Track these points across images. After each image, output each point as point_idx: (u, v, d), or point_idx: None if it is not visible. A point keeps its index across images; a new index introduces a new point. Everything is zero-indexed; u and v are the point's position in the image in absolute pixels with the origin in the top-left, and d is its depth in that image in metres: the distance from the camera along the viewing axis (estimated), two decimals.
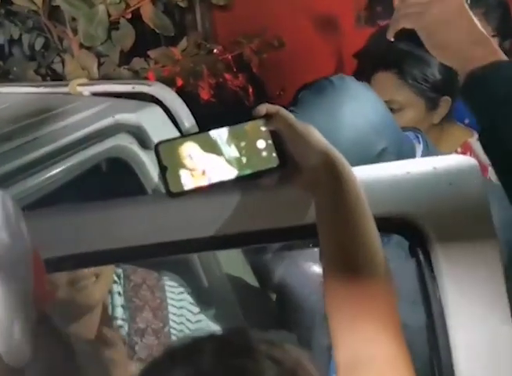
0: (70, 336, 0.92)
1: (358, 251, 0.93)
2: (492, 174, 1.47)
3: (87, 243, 1.05)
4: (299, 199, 1.00)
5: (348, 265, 0.93)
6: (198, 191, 0.94)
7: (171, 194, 0.93)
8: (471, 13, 0.99)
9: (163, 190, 0.95)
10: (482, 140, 0.95)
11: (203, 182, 0.93)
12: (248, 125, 0.97)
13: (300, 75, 3.38)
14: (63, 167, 1.44)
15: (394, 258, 1.33)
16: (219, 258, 1.59)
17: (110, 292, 1.47)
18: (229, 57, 3.20)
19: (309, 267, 1.52)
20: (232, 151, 0.95)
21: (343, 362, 0.88)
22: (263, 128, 0.97)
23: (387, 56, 1.80)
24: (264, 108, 0.98)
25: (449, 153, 1.71)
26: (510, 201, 0.92)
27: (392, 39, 1.06)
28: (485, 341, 1.01)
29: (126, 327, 1.46)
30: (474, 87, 0.93)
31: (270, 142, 0.97)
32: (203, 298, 1.57)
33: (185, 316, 1.53)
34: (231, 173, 0.95)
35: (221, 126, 0.97)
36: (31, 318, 0.74)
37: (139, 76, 2.87)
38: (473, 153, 1.78)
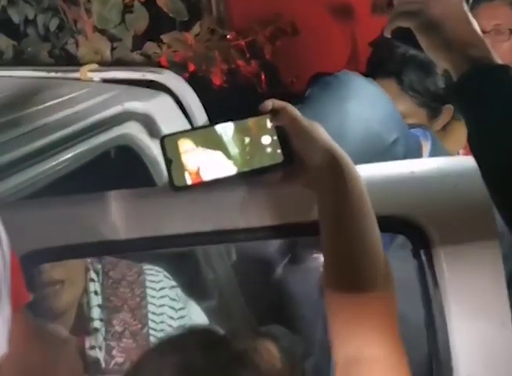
0: (46, 335, 0.92)
1: (359, 250, 0.93)
2: None
3: (85, 234, 1.06)
4: (302, 196, 1.00)
5: (348, 264, 0.93)
6: (201, 186, 0.94)
7: (174, 188, 0.93)
8: (469, 14, 0.98)
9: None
10: (471, 143, 0.94)
11: (207, 176, 0.93)
12: (254, 120, 0.97)
13: (314, 63, 3.37)
14: (71, 154, 1.44)
15: (396, 260, 1.34)
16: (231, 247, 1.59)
17: (86, 292, 1.42)
18: (242, 43, 3.19)
19: (311, 264, 1.52)
20: (236, 146, 0.95)
21: (341, 362, 0.89)
22: (268, 124, 0.97)
23: (388, 64, 1.78)
24: (270, 103, 0.97)
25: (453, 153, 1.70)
26: (497, 208, 0.91)
27: (389, 36, 1.06)
28: (485, 343, 1.02)
29: (103, 331, 1.41)
30: (467, 88, 0.92)
31: (275, 138, 0.97)
32: (201, 290, 1.57)
33: (166, 313, 1.48)
34: (235, 168, 0.94)
35: (230, 117, 0.96)
36: (7, 317, 0.74)
37: (152, 60, 2.87)
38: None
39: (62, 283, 1.35)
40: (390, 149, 1.33)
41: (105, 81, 1.78)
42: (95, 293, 1.43)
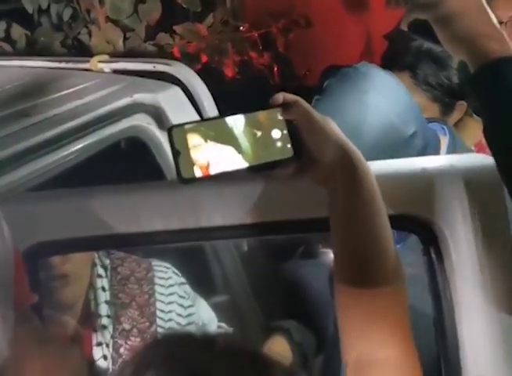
0: (51, 336, 0.91)
1: (370, 247, 0.92)
2: None
3: (93, 227, 1.05)
4: (312, 192, 0.99)
5: (359, 260, 0.92)
6: (210, 179, 0.93)
7: (182, 180, 0.91)
8: (487, 6, 0.97)
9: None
10: (487, 135, 0.93)
11: (216, 169, 0.92)
12: (264, 114, 0.95)
13: (327, 56, 3.35)
14: (80, 145, 1.44)
15: (407, 257, 1.33)
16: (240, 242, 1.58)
17: (93, 287, 1.40)
18: (255, 35, 3.18)
19: (323, 258, 1.51)
20: (247, 140, 0.93)
21: (352, 362, 0.88)
22: (279, 118, 0.95)
23: (402, 57, 1.76)
24: (281, 97, 0.95)
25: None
26: None
27: (406, 29, 1.04)
28: (496, 342, 1.00)
29: (110, 328, 1.39)
30: (486, 81, 0.91)
31: (285, 132, 0.95)
32: (210, 285, 1.55)
33: (174, 311, 1.46)
34: (244, 162, 0.93)
35: (242, 109, 0.95)
36: (11, 318, 0.73)
37: (164, 51, 2.86)
38: (487, 154, 1.74)
39: (67, 278, 1.33)
40: (408, 142, 1.32)
41: (115, 72, 1.78)
42: (103, 289, 1.42)
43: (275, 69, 3.33)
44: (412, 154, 1.28)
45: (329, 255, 1.41)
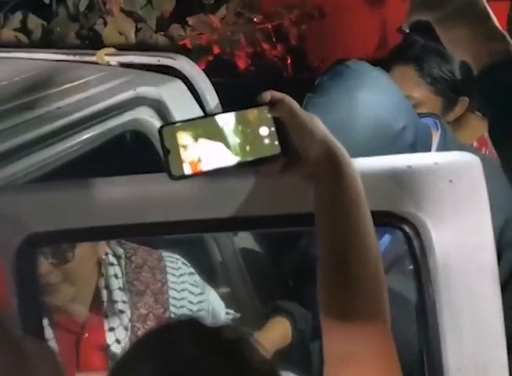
0: (22, 340, 0.93)
1: (352, 243, 0.93)
2: None
3: (91, 218, 1.08)
4: (299, 187, 1.01)
5: (342, 255, 0.93)
6: (199, 175, 0.95)
7: (172, 177, 0.93)
8: (488, 7, 0.97)
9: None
10: (492, 135, 0.94)
11: (206, 166, 0.94)
12: (253, 111, 0.97)
13: (340, 48, 3.35)
14: (82, 138, 1.46)
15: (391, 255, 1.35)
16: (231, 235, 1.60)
17: (106, 276, 1.44)
18: (269, 27, 3.18)
19: None
20: (235, 137, 0.95)
21: (333, 355, 0.89)
22: (267, 115, 0.97)
23: (408, 50, 1.77)
24: (269, 95, 0.97)
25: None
26: None
27: (407, 31, 1.05)
28: (476, 339, 1.02)
29: (128, 313, 1.44)
30: (489, 81, 0.91)
31: (273, 129, 0.97)
32: (215, 275, 1.58)
33: (186, 298, 1.51)
34: (233, 159, 0.95)
35: (252, 103, 0.97)
36: None
37: (176, 43, 2.89)
38: (489, 149, 1.75)
39: (59, 285, 1.37)
40: (399, 136, 1.33)
41: (122, 65, 1.80)
42: (116, 276, 1.46)
43: (289, 61, 3.33)
44: (403, 149, 1.30)
45: None
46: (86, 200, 1.10)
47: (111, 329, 1.43)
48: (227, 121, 0.96)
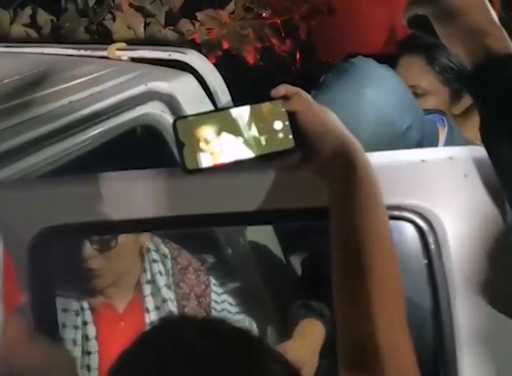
0: (38, 336, 0.93)
1: (368, 237, 0.92)
2: None
3: (104, 212, 1.08)
4: (313, 182, 1.01)
5: (357, 251, 0.92)
6: (214, 169, 0.95)
7: (186, 171, 0.93)
8: (488, 3, 0.96)
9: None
10: (482, 132, 0.93)
11: (220, 160, 0.93)
12: (267, 105, 0.97)
13: (349, 43, 3.33)
14: (94, 132, 1.47)
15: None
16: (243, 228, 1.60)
17: (150, 271, 1.46)
18: (278, 22, 3.17)
19: None
20: (250, 131, 0.95)
21: (347, 348, 0.88)
22: (281, 109, 0.97)
23: (417, 40, 1.77)
24: (283, 89, 0.97)
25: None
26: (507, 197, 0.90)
27: (405, 24, 1.05)
28: (491, 333, 1.02)
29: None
30: (482, 78, 0.91)
31: (287, 123, 0.97)
32: (226, 271, 1.58)
33: (227, 301, 1.51)
34: (247, 153, 0.95)
35: (261, 97, 0.97)
36: (0, 320, 0.75)
37: (185, 38, 2.88)
38: None
39: (100, 271, 1.40)
40: (404, 135, 1.33)
41: (133, 59, 1.80)
42: (160, 273, 1.47)
43: (298, 56, 3.32)
44: (409, 147, 1.29)
45: None
46: (99, 195, 1.10)
47: (151, 324, 1.44)
48: (241, 115, 0.96)
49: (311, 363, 1.44)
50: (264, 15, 3.15)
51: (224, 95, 1.68)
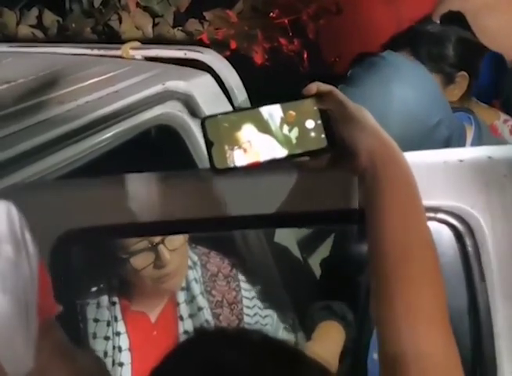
0: (75, 349, 0.90)
1: (407, 239, 0.89)
2: None
3: (124, 214, 1.06)
4: (346, 182, 0.98)
5: (396, 254, 0.89)
6: (243, 168, 0.92)
7: (215, 170, 0.91)
8: None
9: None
10: None
11: (252, 159, 0.91)
12: (298, 104, 0.94)
13: (357, 43, 3.31)
14: (112, 133, 1.44)
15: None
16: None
17: (186, 278, 1.43)
18: (286, 21, 3.16)
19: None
20: (281, 130, 0.93)
21: (389, 356, 0.84)
22: (313, 108, 0.94)
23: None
24: (315, 87, 0.94)
25: None
26: None
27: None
28: None
29: (212, 323, 1.41)
30: None
31: (319, 122, 0.94)
32: (251, 274, 1.55)
33: (257, 305, 1.47)
34: (279, 152, 0.92)
35: (271, 97, 0.94)
36: (34, 329, 0.73)
37: (193, 38, 2.86)
38: (499, 136, 1.71)
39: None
40: (433, 131, 1.31)
41: (146, 59, 1.77)
42: (196, 281, 1.43)
43: (305, 56, 3.30)
44: (437, 144, 1.28)
45: None
46: (122, 197, 1.08)
47: (185, 332, 1.41)
48: (272, 114, 0.93)
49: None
50: (272, 14, 3.14)
51: (241, 94, 1.66)
